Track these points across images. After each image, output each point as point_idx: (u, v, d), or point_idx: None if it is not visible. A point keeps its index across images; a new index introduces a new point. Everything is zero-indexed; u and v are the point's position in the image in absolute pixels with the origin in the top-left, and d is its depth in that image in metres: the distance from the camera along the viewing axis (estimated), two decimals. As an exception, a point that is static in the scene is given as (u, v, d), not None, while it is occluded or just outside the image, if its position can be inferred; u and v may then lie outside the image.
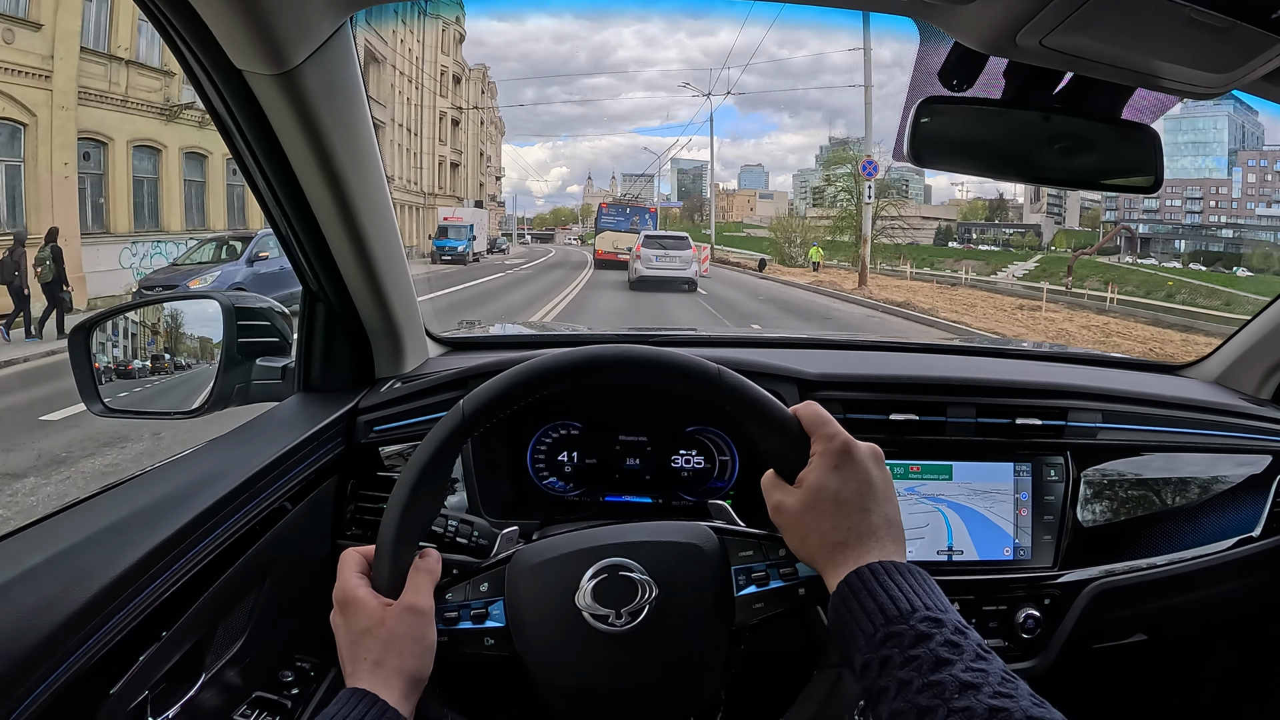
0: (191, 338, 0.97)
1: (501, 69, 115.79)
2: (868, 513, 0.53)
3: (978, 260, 29.82)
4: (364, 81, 0.77)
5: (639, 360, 0.59)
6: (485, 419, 0.58)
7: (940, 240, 40.31)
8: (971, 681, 0.42)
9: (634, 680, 0.57)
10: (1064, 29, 0.59)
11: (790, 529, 0.55)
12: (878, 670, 0.45)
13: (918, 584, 0.49)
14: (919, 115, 0.71)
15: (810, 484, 0.54)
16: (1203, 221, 31.32)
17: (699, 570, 0.58)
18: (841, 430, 0.56)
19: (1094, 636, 0.98)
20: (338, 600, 0.57)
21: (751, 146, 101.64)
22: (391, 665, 0.54)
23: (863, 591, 0.49)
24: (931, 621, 0.46)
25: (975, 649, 0.44)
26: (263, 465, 0.75)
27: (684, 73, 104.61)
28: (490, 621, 0.58)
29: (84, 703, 0.55)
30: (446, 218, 24.99)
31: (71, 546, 0.59)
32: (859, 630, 0.47)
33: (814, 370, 0.96)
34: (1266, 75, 0.66)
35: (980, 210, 28.92)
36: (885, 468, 0.56)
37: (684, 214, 62.09)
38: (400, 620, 0.55)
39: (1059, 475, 0.95)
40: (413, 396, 0.93)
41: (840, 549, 0.52)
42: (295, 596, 0.82)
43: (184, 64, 0.68)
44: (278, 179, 0.78)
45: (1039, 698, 0.42)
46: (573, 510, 1.00)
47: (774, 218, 46.08)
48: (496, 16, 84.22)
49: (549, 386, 0.58)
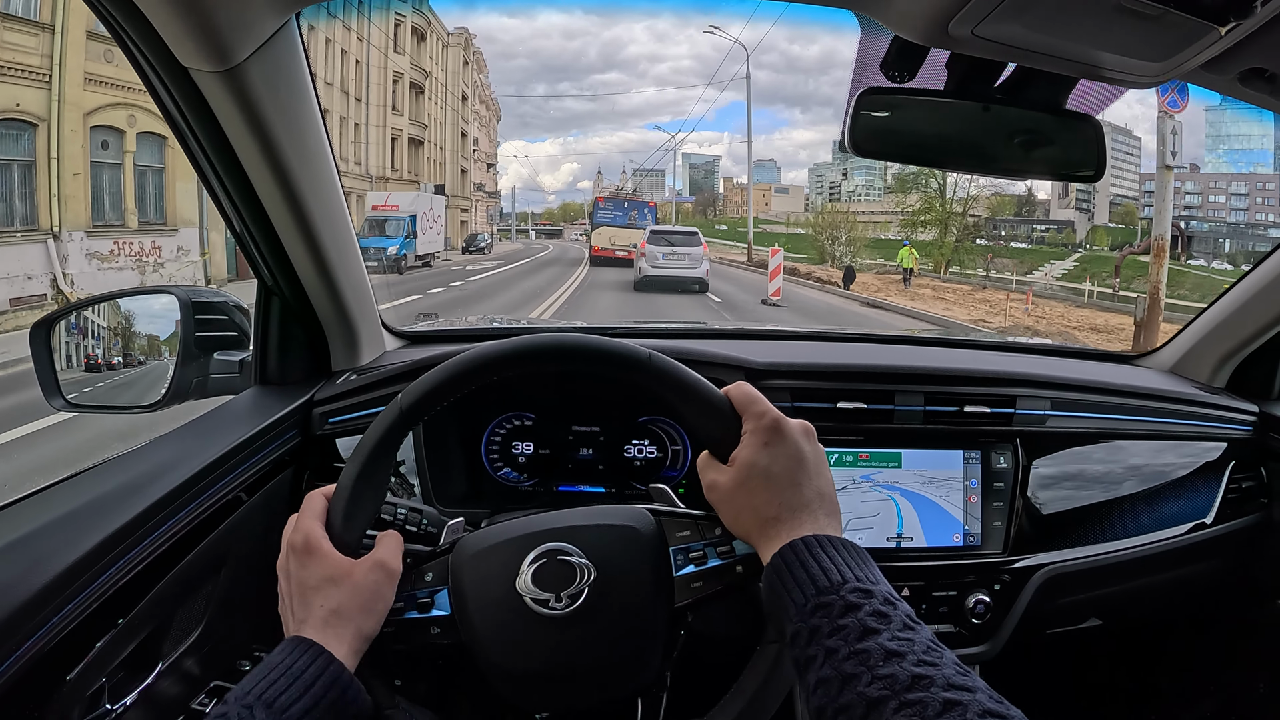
0: (150, 332, 0.97)
1: (512, 66, 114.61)
2: (799, 487, 0.53)
3: (1010, 258, 26.87)
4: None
5: (570, 348, 0.59)
6: (422, 412, 0.59)
7: (967, 235, 39.07)
8: (896, 650, 0.43)
9: (577, 662, 0.58)
10: (995, 18, 0.59)
11: (724, 506, 0.56)
12: (806, 639, 0.46)
13: (849, 556, 0.50)
14: (859, 106, 0.72)
15: (742, 461, 0.55)
16: (1249, 219, 29.32)
17: (636, 551, 0.59)
18: (772, 408, 0.57)
19: (1047, 622, 1.00)
20: (295, 544, 0.56)
21: (763, 142, 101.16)
22: (349, 619, 0.53)
23: (796, 563, 0.49)
24: (861, 593, 0.47)
25: (903, 619, 0.45)
26: (218, 455, 0.76)
27: (695, 68, 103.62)
28: (435, 610, 0.59)
29: (41, 687, 0.56)
30: (376, 206, 17.88)
31: (27, 534, 0.59)
32: (790, 601, 0.48)
33: (761, 359, 0.97)
34: (1206, 64, 0.67)
35: (1008, 206, 27.20)
36: (817, 443, 0.57)
37: (696, 209, 59.49)
38: (369, 574, 0.55)
39: (1008, 462, 0.96)
40: (367, 388, 0.93)
41: (773, 523, 0.52)
42: (252, 587, 0.82)
43: (133, 60, 0.68)
44: (228, 175, 0.78)
45: (963, 667, 0.43)
46: (526, 500, 1.01)
47: (789, 213, 43.60)
48: (507, 13, 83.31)
49: (483, 377, 0.59)
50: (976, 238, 26.97)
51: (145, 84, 0.70)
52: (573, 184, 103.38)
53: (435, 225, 20.18)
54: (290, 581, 0.55)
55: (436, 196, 21.81)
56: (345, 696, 0.50)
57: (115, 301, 0.98)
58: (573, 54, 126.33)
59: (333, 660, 0.51)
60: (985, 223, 35.56)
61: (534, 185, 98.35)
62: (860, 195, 46.99)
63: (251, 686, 0.48)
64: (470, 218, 34.42)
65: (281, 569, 0.57)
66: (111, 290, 1.00)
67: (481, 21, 39.08)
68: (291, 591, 0.55)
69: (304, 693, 0.48)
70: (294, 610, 0.54)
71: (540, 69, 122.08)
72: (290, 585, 0.55)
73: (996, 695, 0.40)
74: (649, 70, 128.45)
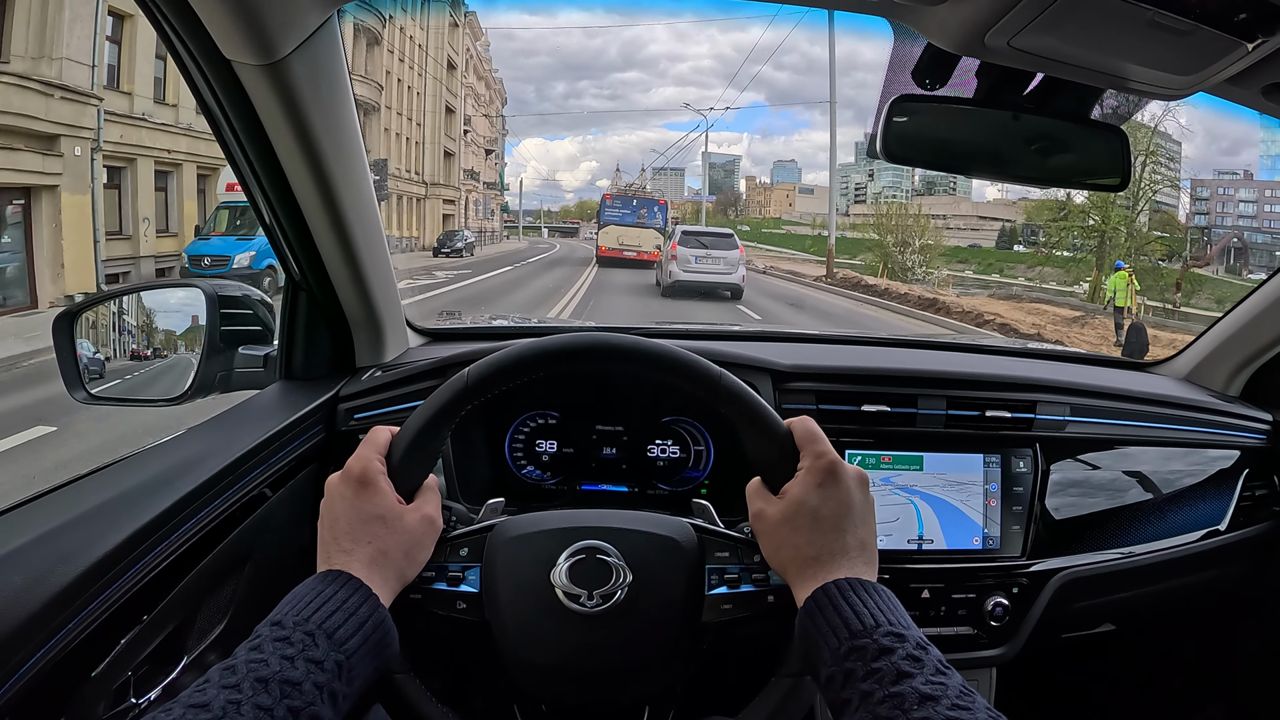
0: (174, 326, 0.97)
1: (533, 63, 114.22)
2: (843, 533, 0.54)
3: (1054, 267, 23.79)
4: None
5: (644, 353, 0.60)
6: (487, 388, 0.59)
7: (1004, 243, 34.98)
8: (931, 694, 0.43)
9: (596, 661, 0.59)
10: (1031, 30, 0.61)
11: (767, 538, 0.57)
12: (841, 682, 0.47)
13: (882, 601, 0.50)
14: (891, 113, 0.73)
15: (792, 497, 0.56)
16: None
17: (674, 563, 0.60)
18: (831, 450, 0.58)
19: (1062, 626, 1.01)
20: (353, 472, 0.56)
21: (782, 144, 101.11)
22: (394, 562, 0.54)
23: (828, 607, 0.50)
24: (894, 636, 0.47)
25: (935, 664, 0.46)
26: (244, 451, 0.76)
27: (715, 69, 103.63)
28: (465, 586, 0.59)
29: (69, 680, 0.56)
30: (232, 186, 10.05)
31: (58, 527, 0.59)
32: (824, 644, 0.49)
33: (787, 362, 0.97)
34: (1231, 78, 0.68)
35: (1047, 210, 24.83)
36: (868, 492, 0.57)
37: (717, 209, 56.47)
38: (419, 523, 0.56)
39: (1028, 467, 0.97)
40: (393, 385, 0.94)
41: (812, 563, 0.53)
42: (275, 582, 0.82)
43: (174, 53, 0.69)
44: (263, 168, 0.79)
45: (995, 712, 0.43)
46: (549, 498, 1.01)
47: (813, 214, 40.60)
48: (527, 10, 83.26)
49: (553, 367, 0.59)
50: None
51: (184, 75, 0.71)
52: (591, 182, 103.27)
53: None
54: (338, 507, 0.55)
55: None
56: (386, 639, 0.51)
57: (139, 295, 0.98)
58: (593, 52, 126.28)
59: (380, 603, 0.51)
60: (1022, 228, 32.30)
61: (553, 183, 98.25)
62: (887, 197, 44.22)
63: (310, 614, 0.48)
64: (457, 210, 29.64)
65: (333, 494, 0.56)
66: (136, 283, 1.00)
67: (502, 19, 39.20)
68: (339, 518, 0.55)
69: (357, 629, 0.49)
70: (339, 539, 0.54)
71: (561, 66, 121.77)
72: (337, 511, 0.55)
73: None
74: (669, 70, 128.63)
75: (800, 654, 0.53)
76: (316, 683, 0.44)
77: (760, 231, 45.39)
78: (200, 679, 0.44)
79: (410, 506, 0.57)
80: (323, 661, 0.46)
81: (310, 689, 0.44)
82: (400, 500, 0.56)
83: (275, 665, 0.44)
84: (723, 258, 12.15)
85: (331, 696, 0.45)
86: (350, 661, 0.47)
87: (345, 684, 0.47)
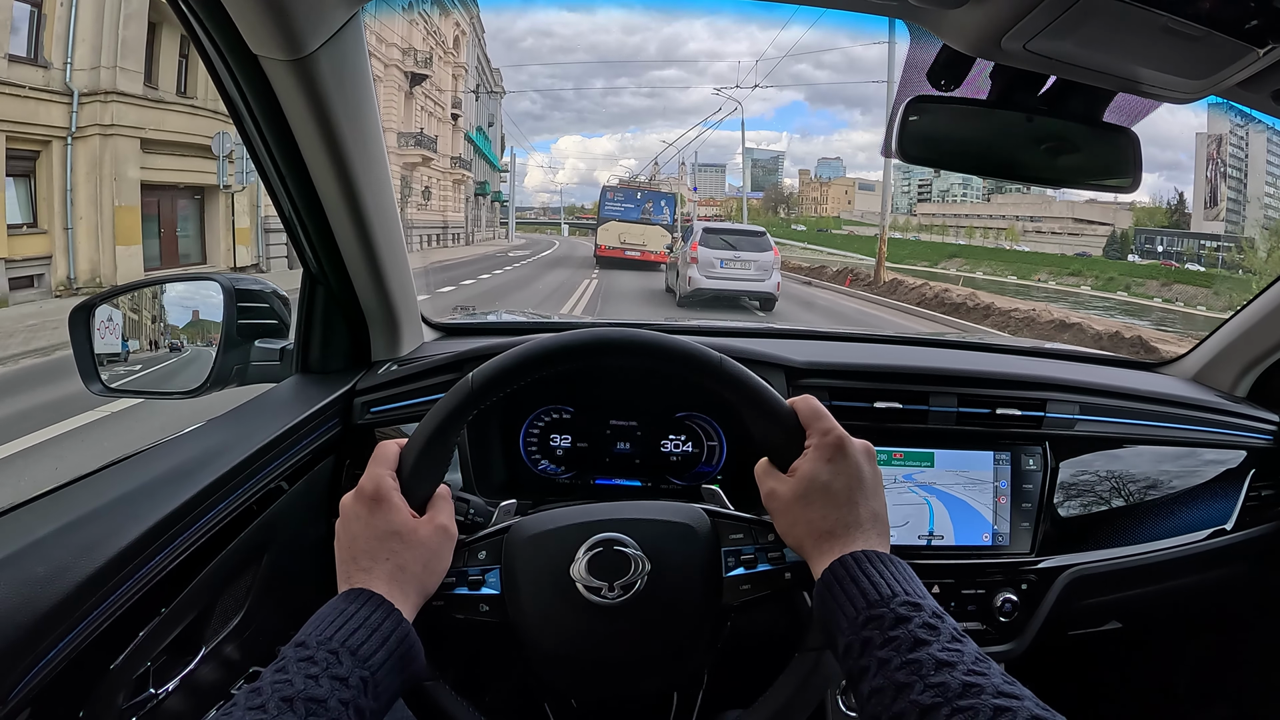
0: (191, 319, 0.98)
1: (571, 60, 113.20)
2: (855, 505, 0.55)
3: (1188, 284, 21.09)
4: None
5: (644, 345, 0.60)
6: (492, 391, 0.59)
7: (1114, 252, 30.06)
8: (947, 660, 0.44)
9: (621, 651, 0.59)
10: (1047, 34, 0.62)
11: (780, 515, 0.57)
12: (859, 651, 0.47)
13: (898, 571, 0.51)
14: (907, 113, 0.74)
15: (803, 474, 0.56)
16: None
17: (691, 549, 0.60)
18: (837, 425, 0.58)
19: (1070, 623, 1.01)
20: (366, 490, 0.56)
21: (821, 143, 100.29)
22: (413, 576, 0.54)
23: (846, 578, 0.51)
24: (910, 605, 0.48)
25: (951, 632, 0.47)
26: (261, 444, 0.76)
27: (753, 66, 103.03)
28: (486, 589, 0.59)
29: (89, 671, 0.56)
30: None
31: (81, 517, 0.59)
32: (842, 614, 0.50)
33: (801, 359, 0.98)
34: (1242, 82, 0.70)
35: (1160, 215, 23.31)
36: (876, 465, 0.58)
37: (765, 206, 51.30)
38: (434, 535, 0.56)
39: (1037, 465, 0.98)
40: (409, 379, 0.94)
41: (827, 537, 0.54)
42: (292, 574, 0.83)
43: (199, 47, 0.70)
44: (285, 163, 0.80)
45: (1009, 677, 0.44)
46: (564, 493, 1.02)
47: (871, 212, 34.11)
48: (568, 7, 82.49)
49: (555, 365, 0.60)
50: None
51: (208, 69, 0.72)
52: (629, 179, 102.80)
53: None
54: (352, 527, 0.55)
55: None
56: (410, 652, 0.51)
57: (156, 287, 0.99)
58: (632, 49, 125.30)
59: (403, 618, 0.51)
60: (1135, 234, 28.15)
61: (591, 180, 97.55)
62: (956, 195, 39.98)
63: (333, 633, 0.48)
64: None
65: (348, 514, 0.56)
66: (154, 275, 1.01)
67: (542, 17, 38.64)
68: (356, 538, 0.55)
69: (381, 645, 0.49)
70: (358, 559, 0.54)
71: (600, 64, 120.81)
72: (352, 530, 0.55)
73: (1042, 703, 0.42)
74: (708, 68, 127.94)
75: (819, 626, 0.53)
76: (342, 699, 0.45)
77: (816, 232, 40.38)
78: (227, 702, 0.45)
79: (424, 519, 0.57)
80: (347, 678, 0.46)
81: (335, 705, 0.44)
82: (414, 514, 0.57)
83: (300, 684, 0.44)
84: (753, 260, 9.88)
85: (358, 712, 0.45)
86: (375, 677, 0.47)
87: (371, 699, 0.47)
